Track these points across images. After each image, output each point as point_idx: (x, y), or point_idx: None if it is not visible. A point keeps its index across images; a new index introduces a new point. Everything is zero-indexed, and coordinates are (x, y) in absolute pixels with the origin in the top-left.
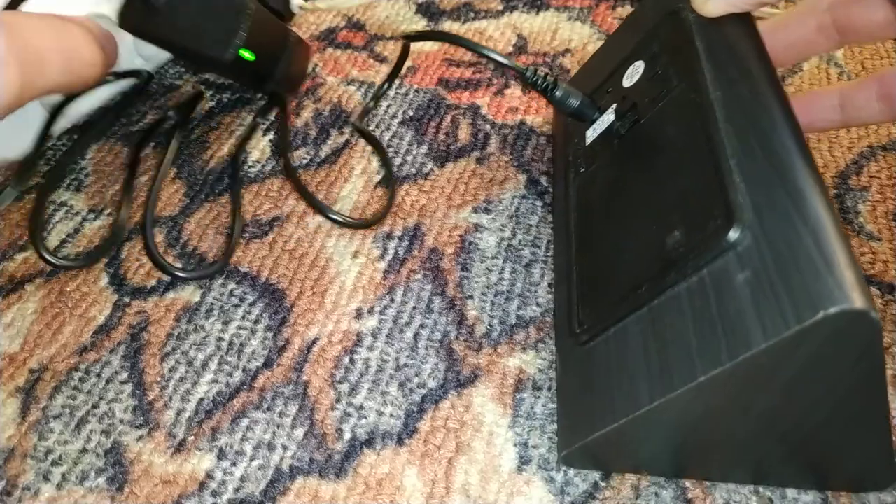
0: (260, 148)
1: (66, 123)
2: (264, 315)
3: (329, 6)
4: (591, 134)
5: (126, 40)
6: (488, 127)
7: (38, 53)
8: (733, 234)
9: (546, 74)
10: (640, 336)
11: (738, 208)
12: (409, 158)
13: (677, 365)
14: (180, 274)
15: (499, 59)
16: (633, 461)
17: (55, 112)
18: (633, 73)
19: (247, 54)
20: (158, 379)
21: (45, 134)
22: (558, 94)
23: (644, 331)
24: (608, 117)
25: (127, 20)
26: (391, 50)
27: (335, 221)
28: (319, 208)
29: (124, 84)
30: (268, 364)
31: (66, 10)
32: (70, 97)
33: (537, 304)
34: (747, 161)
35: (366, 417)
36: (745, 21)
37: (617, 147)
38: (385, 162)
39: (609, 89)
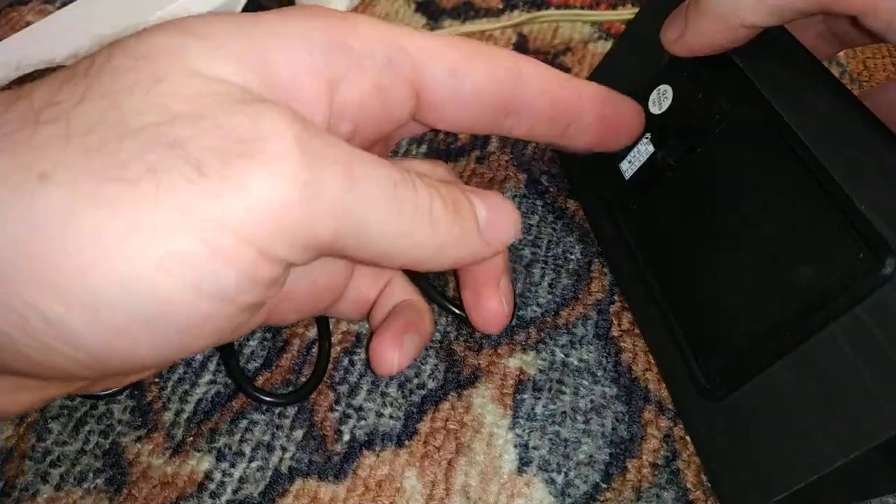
0: None
1: None
2: None
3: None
4: (628, 167)
5: None
6: None
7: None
8: (888, 269)
9: None
10: (796, 384)
11: (887, 238)
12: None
13: (862, 413)
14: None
15: None
16: None
17: None
18: (661, 100)
19: None
20: (157, 379)
21: None
22: None
23: (799, 377)
24: (644, 148)
25: None
26: None
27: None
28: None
29: None
30: (267, 365)
31: None
32: None
33: (538, 305)
34: (864, 181)
35: (365, 419)
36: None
37: (675, 180)
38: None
39: None
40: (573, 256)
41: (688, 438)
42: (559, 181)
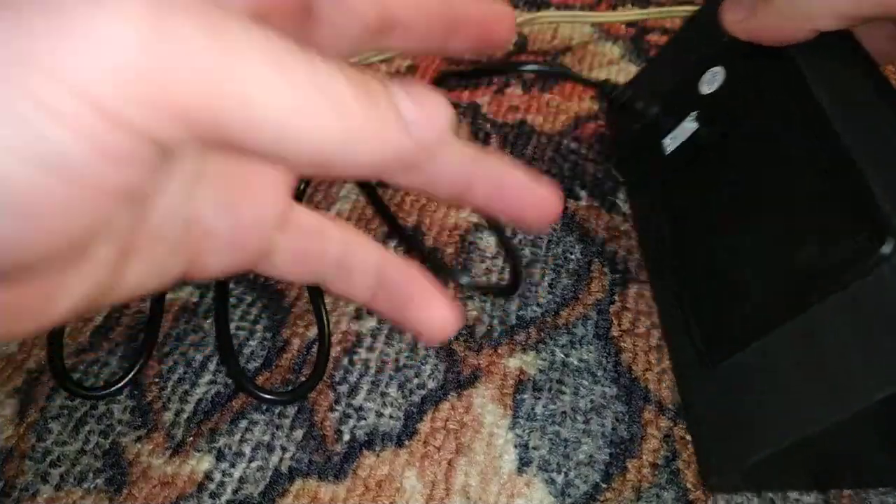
0: None
1: None
2: (263, 315)
3: None
4: (670, 143)
5: None
6: (489, 126)
7: None
8: (886, 249)
9: (624, 87)
10: (789, 353)
11: (888, 223)
12: None
13: (848, 382)
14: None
15: (577, 76)
16: (788, 479)
17: None
18: (712, 80)
19: None
20: (157, 379)
21: None
22: (638, 105)
23: (792, 348)
24: (689, 125)
25: None
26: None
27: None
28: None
29: None
30: (267, 364)
31: None
32: None
33: (538, 305)
34: (883, 168)
35: (365, 419)
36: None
37: (709, 158)
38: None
39: (681, 96)
40: (573, 256)
41: (688, 438)
42: (559, 181)
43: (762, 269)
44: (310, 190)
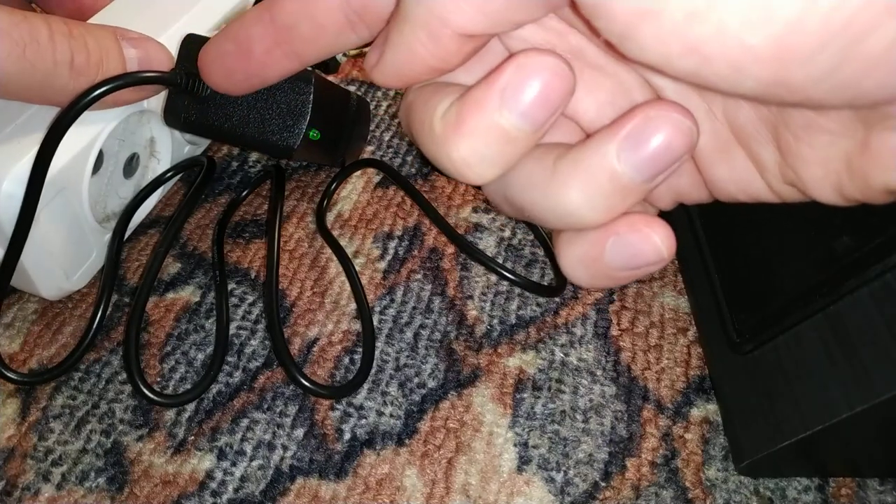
0: None
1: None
2: (264, 315)
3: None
4: None
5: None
6: None
7: None
8: None
9: None
10: (820, 342)
11: None
12: (408, 159)
13: (875, 370)
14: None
15: None
16: (815, 465)
17: (124, 225)
18: None
19: (313, 134)
20: (158, 379)
21: (119, 248)
22: None
23: (823, 336)
24: None
25: (174, 117)
26: None
27: (302, 387)
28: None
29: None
30: (268, 364)
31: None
32: (134, 208)
33: (537, 304)
34: None
35: (366, 417)
36: None
37: None
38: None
39: None
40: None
41: (686, 437)
42: None
43: (795, 262)
44: (310, 190)
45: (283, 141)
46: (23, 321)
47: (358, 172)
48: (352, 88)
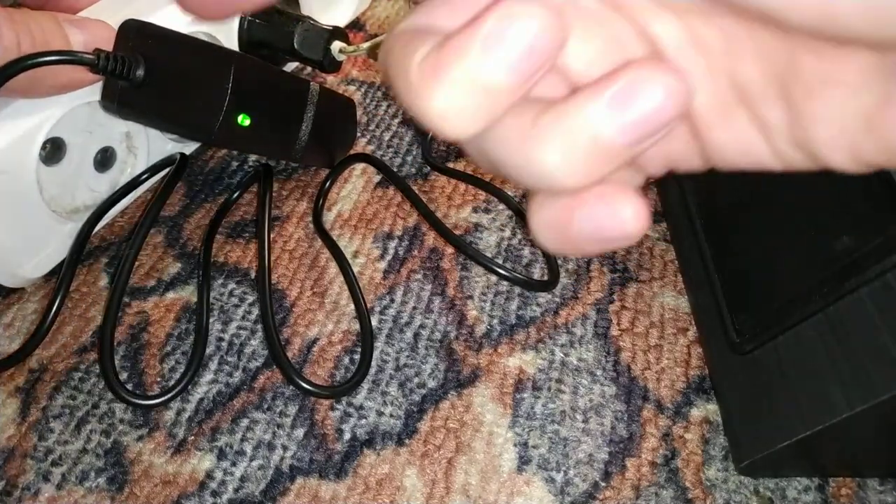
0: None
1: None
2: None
3: (373, 44)
4: None
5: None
6: None
7: None
8: None
9: None
10: (820, 342)
11: None
12: (409, 158)
13: (875, 370)
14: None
15: None
16: (815, 465)
17: (94, 220)
18: None
19: (241, 118)
20: (158, 379)
21: (83, 243)
22: None
23: (823, 336)
24: None
25: (109, 102)
26: None
27: (298, 387)
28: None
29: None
30: (268, 364)
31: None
32: (109, 205)
33: (537, 304)
34: None
35: (366, 417)
36: None
37: None
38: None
39: None
40: (573, 256)
41: (686, 437)
42: None
43: (795, 263)
44: (311, 190)
45: (205, 121)
46: (23, 321)
47: (358, 172)
48: (352, 89)
